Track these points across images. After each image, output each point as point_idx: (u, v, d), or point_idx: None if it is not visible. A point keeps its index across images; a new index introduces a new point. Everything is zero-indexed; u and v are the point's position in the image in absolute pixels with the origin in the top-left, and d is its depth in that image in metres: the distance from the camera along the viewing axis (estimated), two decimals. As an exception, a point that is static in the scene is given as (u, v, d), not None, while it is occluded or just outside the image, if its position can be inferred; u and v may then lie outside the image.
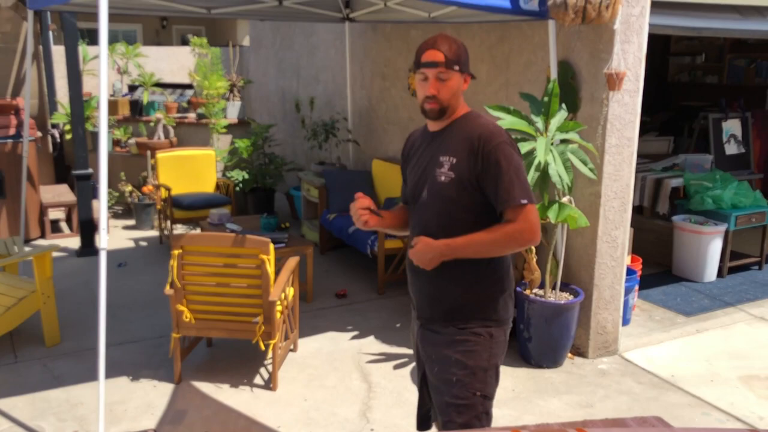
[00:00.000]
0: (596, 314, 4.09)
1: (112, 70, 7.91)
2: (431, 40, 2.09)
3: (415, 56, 2.12)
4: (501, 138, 2.10)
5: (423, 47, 2.10)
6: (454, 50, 2.07)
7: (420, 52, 2.10)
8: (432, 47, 2.06)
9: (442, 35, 2.11)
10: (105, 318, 3.02)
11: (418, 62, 2.10)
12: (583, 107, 3.98)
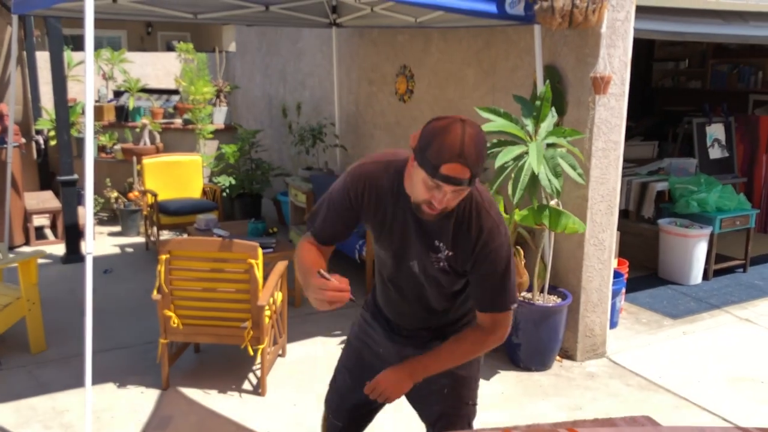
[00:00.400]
0: (584, 317, 4.11)
1: (98, 75, 7.86)
2: (457, 144, 1.61)
3: (431, 152, 1.62)
4: (501, 239, 1.86)
5: (445, 151, 1.61)
6: (480, 158, 1.65)
7: (440, 156, 1.61)
8: (458, 159, 1.61)
9: (469, 134, 1.63)
10: (91, 324, 3.00)
11: (434, 169, 1.62)
12: (569, 111, 4.00)
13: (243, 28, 8.86)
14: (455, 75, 4.96)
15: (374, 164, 1.91)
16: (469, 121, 1.68)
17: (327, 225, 1.95)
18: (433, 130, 1.66)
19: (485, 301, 1.92)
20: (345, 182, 1.91)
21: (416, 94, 5.43)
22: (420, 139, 1.70)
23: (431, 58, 5.22)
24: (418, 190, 1.73)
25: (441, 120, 1.68)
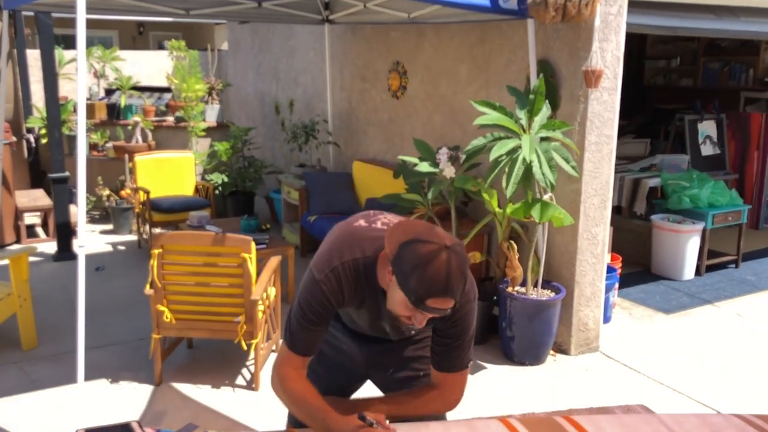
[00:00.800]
0: (578, 311, 4.11)
1: (89, 73, 7.82)
2: (443, 278, 1.54)
3: (414, 283, 1.55)
4: (471, 304, 1.82)
5: (431, 286, 1.54)
6: (464, 285, 1.61)
7: (425, 290, 1.55)
8: (444, 294, 1.55)
9: (455, 264, 1.56)
10: (84, 319, 2.98)
11: (419, 301, 1.56)
12: (562, 105, 4.01)
13: (235, 27, 8.83)
14: (448, 71, 4.96)
15: (344, 267, 1.75)
16: (453, 246, 1.57)
17: (312, 339, 1.80)
18: (417, 258, 1.54)
19: (451, 360, 1.87)
20: (321, 292, 1.75)
21: (409, 90, 5.43)
22: (401, 261, 1.57)
23: (424, 54, 5.22)
24: (398, 308, 1.65)
25: (424, 245, 1.55)
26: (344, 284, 1.75)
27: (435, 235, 1.58)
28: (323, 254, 1.80)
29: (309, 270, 1.80)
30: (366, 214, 1.91)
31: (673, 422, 1.85)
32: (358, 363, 2.17)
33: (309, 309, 1.76)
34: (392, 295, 1.66)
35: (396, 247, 1.59)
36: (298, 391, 1.76)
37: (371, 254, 1.75)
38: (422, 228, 1.63)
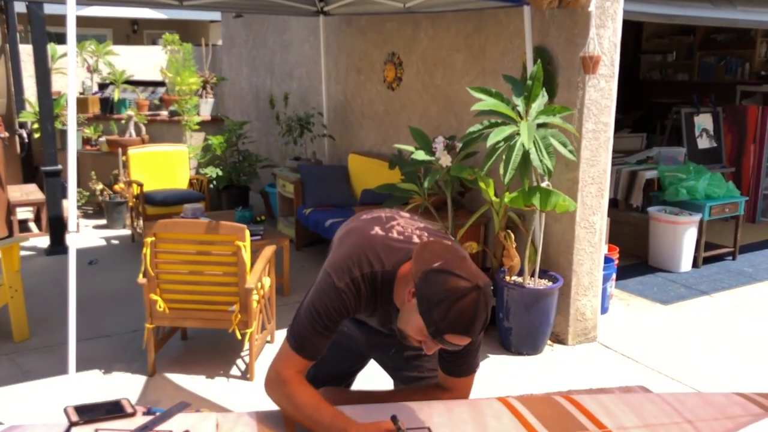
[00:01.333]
0: (575, 300, 4.08)
1: (82, 68, 7.76)
2: (469, 318, 1.50)
3: (438, 314, 1.50)
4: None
5: (455, 323, 1.50)
6: (484, 327, 1.58)
7: (448, 325, 1.50)
8: (465, 333, 1.52)
9: (482, 306, 1.52)
10: (75, 310, 2.94)
11: (438, 332, 1.51)
12: (559, 93, 3.98)
13: (230, 22, 8.79)
14: (444, 61, 4.93)
15: (363, 278, 1.69)
16: (485, 287, 1.52)
17: (322, 345, 1.73)
18: (446, 292, 1.49)
19: (461, 366, 1.84)
20: (341, 300, 1.69)
21: (405, 81, 5.39)
22: (428, 289, 1.51)
23: (420, 45, 5.18)
24: (412, 331, 1.60)
25: (456, 279, 1.51)
26: (362, 295, 1.70)
27: (468, 271, 1.53)
28: (341, 260, 1.72)
29: (326, 273, 1.72)
30: (378, 218, 1.85)
31: (675, 400, 1.82)
32: (360, 343, 2.13)
33: (326, 314, 1.69)
34: (408, 318, 1.60)
35: (424, 271, 1.54)
36: (301, 395, 1.66)
37: (390, 269, 1.69)
38: (455, 258, 1.57)
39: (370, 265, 1.70)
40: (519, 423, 1.68)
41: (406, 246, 1.72)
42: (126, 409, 1.58)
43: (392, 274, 1.70)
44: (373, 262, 1.70)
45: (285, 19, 7.26)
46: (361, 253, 1.72)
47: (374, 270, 1.70)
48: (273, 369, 1.73)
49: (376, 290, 1.71)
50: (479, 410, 1.75)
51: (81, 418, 1.52)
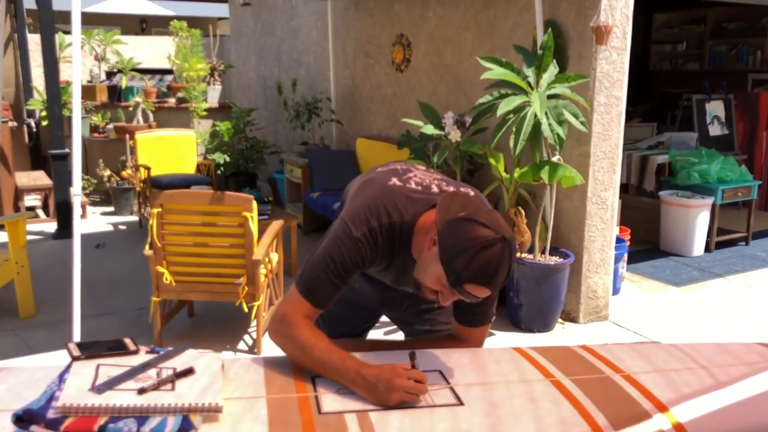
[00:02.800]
0: (586, 278, 4.02)
1: (90, 56, 7.75)
2: (492, 269, 1.45)
3: (460, 263, 1.44)
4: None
5: (477, 273, 1.44)
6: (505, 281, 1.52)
7: (470, 275, 1.45)
8: (487, 285, 1.46)
9: (506, 259, 1.46)
10: (80, 283, 2.93)
11: (458, 282, 1.46)
12: (570, 66, 3.92)
13: (237, 11, 8.76)
14: (453, 40, 4.88)
15: (381, 229, 1.64)
16: (510, 239, 1.47)
17: (332, 294, 1.67)
18: (471, 240, 1.44)
19: (467, 316, 1.78)
20: (357, 249, 1.63)
21: (413, 62, 5.34)
22: (452, 237, 1.47)
23: (429, 25, 5.14)
24: (429, 281, 1.55)
25: (482, 228, 1.45)
26: (379, 246, 1.64)
27: (495, 222, 1.48)
28: (358, 209, 1.66)
29: (342, 222, 1.67)
30: (395, 170, 1.78)
31: (690, 348, 1.76)
32: (371, 299, 2.08)
33: (340, 263, 1.63)
34: (426, 267, 1.55)
35: (448, 219, 1.49)
36: (309, 337, 1.58)
37: (408, 220, 1.64)
38: (483, 209, 1.52)
39: (389, 216, 1.65)
40: (529, 364, 1.62)
41: (425, 196, 1.67)
42: (129, 347, 1.53)
43: (411, 225, 1.65)
44: (392, 212, 1.65)
45: (292, 6, 7.23)
46: (379, 203, 1.66)
47: (392, 221, 1.65)
48: (279, 312, 1.68)
49: (394, 241, 1.67)
50: (495, 356, 1.70)
51: (83, 353, 1.48)
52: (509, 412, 1.39)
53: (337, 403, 1.42)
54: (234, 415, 1.35)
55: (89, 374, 1.40)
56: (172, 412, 1.30)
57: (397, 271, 1.79)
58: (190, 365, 1.47)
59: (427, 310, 2.03)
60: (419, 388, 1.42)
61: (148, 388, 1.36)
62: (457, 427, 1.33)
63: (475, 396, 1.46)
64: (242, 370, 1.57)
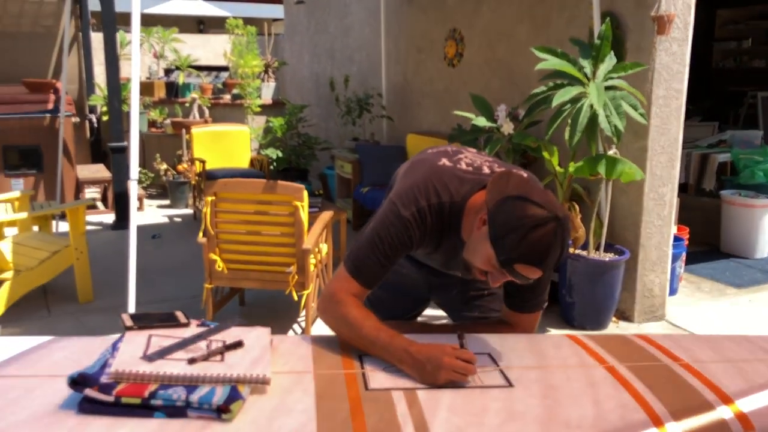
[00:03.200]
0: (642, 276, 3.91)
1: (149, 53, 7.96)
2: (544, 249, 1.41)
3: (511, 242, 1.41)
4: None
5: (528, 252, 1.41)
6: (558, 262, 1.47)
7: (520, 254, 1.41)
8: (538, 265, 1.43)
9: (560, 239, 1.42)
10: (135, 267, 3.01)
11: (508, 261, 1.43)
12: (628, 58, 3.81)
13: (292, 10, 8.87)
14: (507, 33, 4.82)
15: (430, 209, 1.62)
16: (564, 219, 1.43)
17: (380, 273, 1.65)
18: (523, 218, 1.40)
19: (518, 301, 1.75)
20: (404, 228, 1.61)
21: (466, 57, 5.30)
22: (503, 215, 1.43)
23: (482, 19, 5.08)
24: (479, 261, 1.52)
25: (535, 207, 1.41)
26: (428, 227, 1.62)
27: (548, 201, 1.44)
28: (407, 189, 1.64)
29: (390, 202, 1.65)
30: (445, 151, 1.76)
31: (762, 340, 1.68)
32: (420, 285, 2.06)
33: (388, 242, 1.61)
34: (476, 246, 1.52)
35: (500, 198, 1.45)
36: (357, 315, 1.57)
37: (458, 200, 1.61)
38: (535, 188, 1.48)
39: (438, 196, 1.62)
40: (584, 351, 1.57)
41: (476, 177, 1.64)
42: (180, 320, 1.55)
43: (461, 206, 1.62)
44: (441, 192, 1.62)
45: (346, 4, 7.27)
46: (429, 183, 1.64)
47: (442, 201, 1.62)
48: (328, 291, 1.68)
49: (443, 222, 1.64)
50: (550, 340, 1.65)
51: (135, 323, 1.50)
52: (567, 394, 1.35)
53: (385, 380, 1.41)
54: (282, 387, 1.35)
55: (141, 343, 1.43)
56: (221, 381, 1.31)
57: (446, 253, 1.76)
58: (239, 338, 1.48)
59: (477, 297, 2.00)
60: (468, 368, 1.39)
61: (198, 358, 1.37)
62: (510, 407, 1.30)
63: (531, 378, 1.42)
64: (291, 346, 1.58)
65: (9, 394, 1.29)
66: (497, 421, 1.24)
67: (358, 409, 1.27)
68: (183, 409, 1.25)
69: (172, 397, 1.26)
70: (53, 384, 1.32)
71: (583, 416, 1.26)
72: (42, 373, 1.38)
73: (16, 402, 1.26)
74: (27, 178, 6.13)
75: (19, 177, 6.10)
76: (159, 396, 1.26)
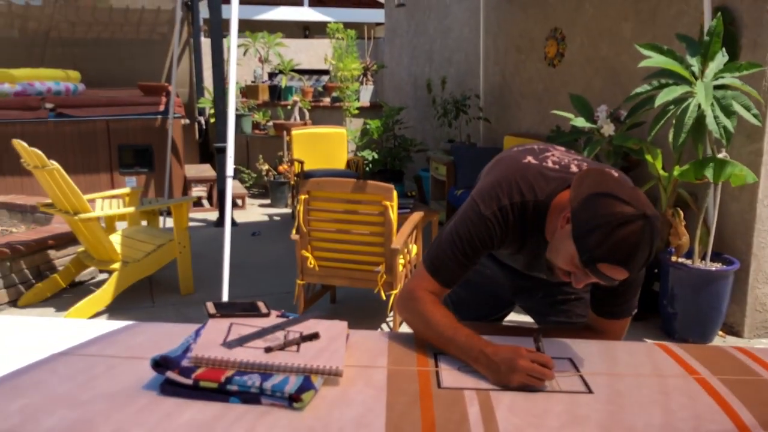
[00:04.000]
0: (754, 288, 3.64)
1: (254, 58, 8.27)
2: (630, 249, 1.33)
3: (595, 240, 1.34)
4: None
5: (613, 252, 1.33)
6: (646, 263, 1.38)
7: (604, 253, 1.34)
8: (623, 265, 1.35)
9: (647, 238, 1.34)
10: (229, 254, 3.12)
11: (591, 260, 1.36)
12: (743, 56, 3.57)
13: (392, 13, 8.95)
14: (610, 30, 4.64)
15: (513, 207, 1.57)
16: (653, 217, 1.35)
17: (459, 272, 1.63)
18: (608, 216, 1.33)
19: (605, 306, 1.67)
20: (485, 227, 1.57)
21: (567, 56, 5.15)
22: (587, 213, 1.36)
23: (584, 16, 4.92)
24: (561, 261, 1.46)
25: (621, 204, 1.34)
26: (510, 226, 1.57)
27: (636, 198, 1.36)
28: (489, 187, 1.60)
29: (471, 200, 1.63)
30: (531, 149, 1.70)
31: None
32: (504, 287, 2.02)
33: (468, 241, 1.58)
34: (559, 246, 1.46)
35: (585, 194, 1.39)
36: (434, 312, 1.55)
37: (543, 199, 1.55)
38: (623, 184, 1.41)
39: (521, 194, 1.57)
40: (672, 359, 1.48)
41: (562, 175, 1.57)
42: (261, 310, 1.59)
43: (545, 205, 1.56)
44: (525, 191, 1.57)
45: (446, 5, 7.25)
46: (512, 181, 1.59)
47: (525, 199, 1.57)
48: (406, 288, 1.67)
49: (526, 221, 1.59)
50: (636, 347, 1.57)
51: (218, 311, 1.55)
52: (635, 401, 1.28)
53: (458, 379, 1.38)
54: (352, 379, 1.35)
55: (222, 331, 1.47)
56: (294, 371, 1.33)
57: (530, 255, 1.71)
58: (316, 330, 1.49)
59: (563, 301, 1.93)
60: (544, 372, 1.33)
61: (275, 347, 1.39)
62: (573, 410, 1.24)
63: (600, 384, 1.36)
64: (367, 341, 1.58)
65: (92, 370, 1.36)
66: (557, 424, 1.19)
67: (428, 406, 1.25)
68: (257, 395, 1.28)
69: (246, 383, 1.28)
70: (133, 364, 1.39)
71: (649, 424, 1.18)
72: (123, 354, 1.45)
73: (97, 378, 1.33)
74: (139, 176, 6.51)
75: (132, 175, 6.49)
76: (234, 382, 1.29)
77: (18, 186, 6.11)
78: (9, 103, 6.17)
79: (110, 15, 8.78)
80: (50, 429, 1.16)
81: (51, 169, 3.61)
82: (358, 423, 1.20)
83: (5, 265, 3.98)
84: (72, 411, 1.21)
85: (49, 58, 8.15)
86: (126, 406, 1.22)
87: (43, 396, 1.26)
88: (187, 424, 1.19)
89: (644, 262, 1.36)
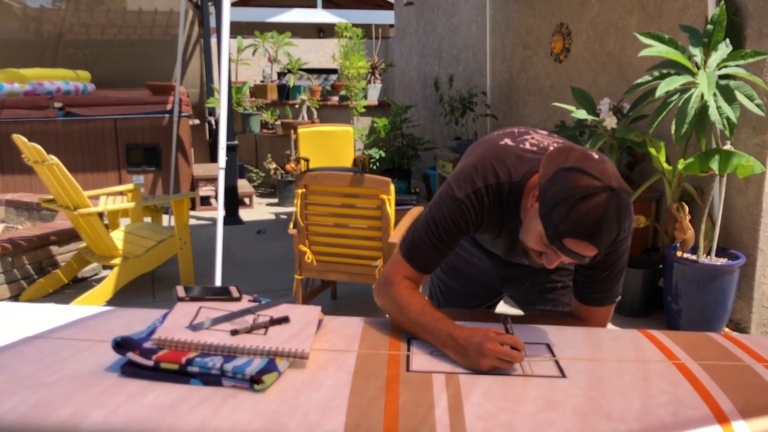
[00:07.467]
0: (761, 284, 3.56)
1: (263, 57, 8.29)
2: (594, 222, 1.27)
3: (558, 215, 1.30)
4: (627, 237, 1.53)
5: (576, 226, 1.28)
6: (615, 238, 1.32)
7: (568, 227, 1.29)
8: (588, 240, 1.29)
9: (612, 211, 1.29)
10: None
11: (556, 236, 1.32)
12: (747, 46, 3.49)
13: (402, 12, 8.93)
14: (616, 26, 4.57)
15: (487, 191, 1.53)
16: (619, 190, 1.30)
17: (434, 257, 1.60)
18: (570, 189, 1.29)
19: (588, 293, 1.63)
20: (459, 211, 1.54)
21: (573, 52, 5.08)
22: (551, 188, 1.33)
23: (590, 11, 4.86)
24: (532, 241, 1.41)
25: (584, 177, 1.30)
26: (485, 210, 1.54)
27: (602, 172, 1.31)
28: (464, 170, 1.56)
29: (446, 184, 1.60)
30: (511, 132, 1.67)
31: None
32: (491, 276, 1.98)
33: (442, 225, 1.55)
34: (528, 224, 1.43)
35: (551, 171, 1.35)
36: (407, 297, 1.52)
37: (518, 180, 1.51)
38: (590, 159, 1.35)
39: (496, 176, 1.53)
40: (654, 345, 1.43)
41: (538, 156, 1.53)
42: (232, 294, 1.56)
43: (520, 186, 1.52)
44: (500, 172, 1.53)
45: (454, 3, 7.21)
46: (487, 163, 1.54)
47: (500, 181, 1.52)
48: (383, 274, 1.64)
49: (502, 204, 1.55)
50: (599, 331, 1.53)
51: (187, 295, 1.53)
52: (615, 387, 1.23)
53: (428, 363, 1.35)
54: (318, 363, 1.33)
55: (190, 314, 1.45)
56: (259, 353, 1.30)
57: (509, 239, 1.67)
58: (286, 314, 1.46)
59: (550, 290, 1.89)
60: (513, 355, 1.29)
61: (241, 330, 1.37)
62: (551, 396, 1.20)
63: (579, 369, 1.31)
64: (340, 326, 1.55)
65: (60, 353, 1.34)
66: (533, 409, 1.15)
67: (393, 388, 1.22)
68: (218, 377, 1.25)
69: (207, 365, 1.26)
70: (102, 348, 1.37)
71: (627, 409, 1.14)
72: (95, 338, 1.43)
73: (64, 361, 1.31)
74: (147, 174, 6.53)
75: (140, 173, 6.52)
76: (195, 363, 1.26)
77: (27, 184, 6.16)
78: (18, 102, 6.23)
79: (123, 17, 8.86)
80: (9, 411, 1.14)
81: (50, 164, 3.62)
82: (324, 407, 1.17)
83: (7, 260, 4.00)
84: (34, 393, 1.19)
85: (61, 59, 8.24)
86: (88, 388, 1.21)
87: (6, 378, 1.24)
88: (150, 406, 1.17)
89: (613, 238, 1.31)
